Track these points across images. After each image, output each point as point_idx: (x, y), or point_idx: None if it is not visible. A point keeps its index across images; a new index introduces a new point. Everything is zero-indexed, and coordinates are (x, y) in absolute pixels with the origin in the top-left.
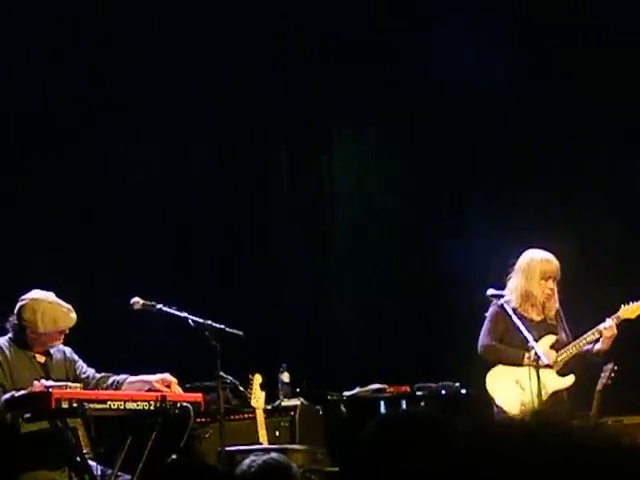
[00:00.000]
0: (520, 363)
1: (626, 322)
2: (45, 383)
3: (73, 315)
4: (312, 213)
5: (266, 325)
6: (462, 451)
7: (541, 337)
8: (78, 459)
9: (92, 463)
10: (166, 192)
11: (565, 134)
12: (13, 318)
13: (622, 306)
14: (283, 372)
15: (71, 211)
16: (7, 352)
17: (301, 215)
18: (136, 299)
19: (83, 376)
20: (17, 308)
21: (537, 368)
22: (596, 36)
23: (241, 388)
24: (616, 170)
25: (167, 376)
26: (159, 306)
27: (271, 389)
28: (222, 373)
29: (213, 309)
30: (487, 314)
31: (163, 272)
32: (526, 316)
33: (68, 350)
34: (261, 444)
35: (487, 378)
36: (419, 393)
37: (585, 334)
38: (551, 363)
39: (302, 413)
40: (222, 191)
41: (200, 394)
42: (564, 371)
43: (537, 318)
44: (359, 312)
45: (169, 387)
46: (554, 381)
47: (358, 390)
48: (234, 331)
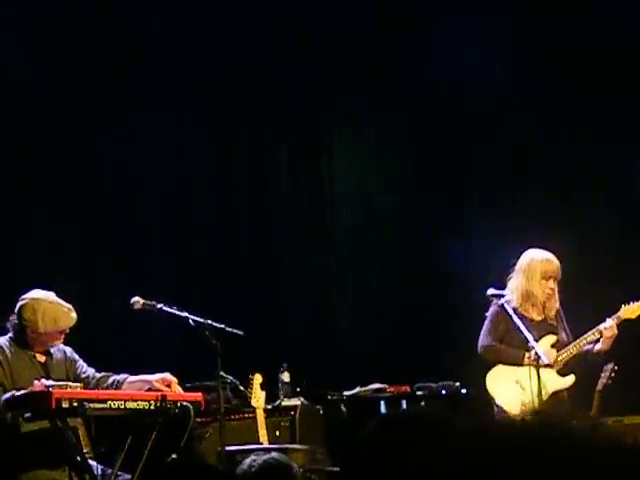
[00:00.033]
0: (520, 363)
1: (626, 322)
2: (45, 383)
3: (73, 315)
4: (312, 213)
5: (266, 325)
6: (462, 451)
7: (541, 337)
8: (78, 459)
9: (92, 463)
10: (166, 192)
11: (565, 134)
12: (13, 318)
13: (622, 306)
14: (283, 372)
15: (71, 211)
16: (7, 351)
17: (301, 215)
18: (136, 299)
19: (83, 376)
20: (17, 308)
21: (537, 368)
22: (596, 36)
23: (241, 388)
24: (616, 170)
25: (167, 376)
26: (159, 306)
27: (271, 389)
28: (222, 373)
29: (213, 309)
30: (487, 314)
31: (163, 272)
32: (526, 316)
33: (68, 350)
34: (261, 444)
35: (487, 378)
36: (419, 393)
37: (585, 334)
38: (551, 363)
39: (302, 413)
40: (222, 191)
41: (200, 394)
42: (564, 371)
43: (537, 318)
44: (359, 312)
45: (169, 387)
46: (554, 381)
47: (358, 390)
48: (234, 331)
